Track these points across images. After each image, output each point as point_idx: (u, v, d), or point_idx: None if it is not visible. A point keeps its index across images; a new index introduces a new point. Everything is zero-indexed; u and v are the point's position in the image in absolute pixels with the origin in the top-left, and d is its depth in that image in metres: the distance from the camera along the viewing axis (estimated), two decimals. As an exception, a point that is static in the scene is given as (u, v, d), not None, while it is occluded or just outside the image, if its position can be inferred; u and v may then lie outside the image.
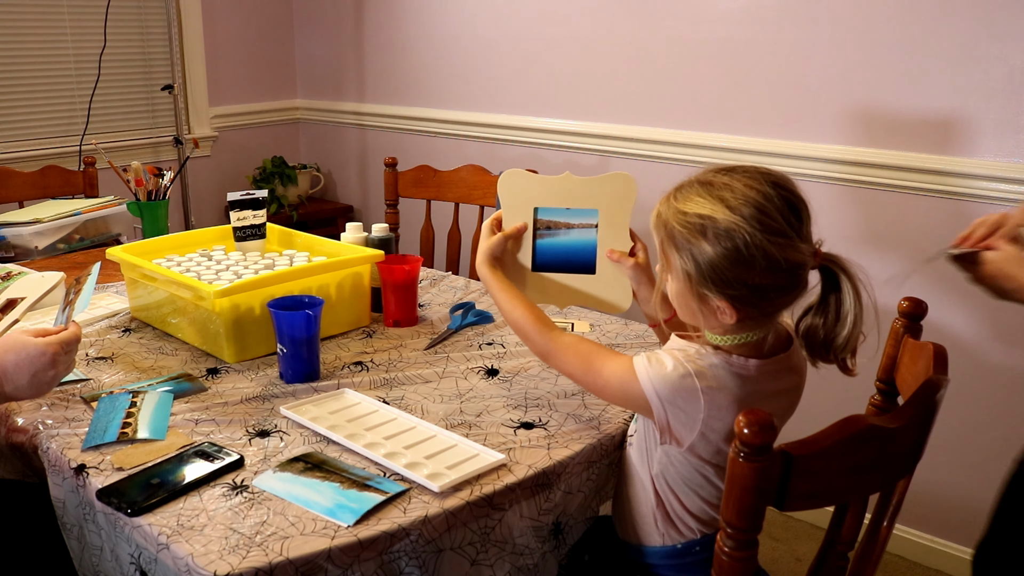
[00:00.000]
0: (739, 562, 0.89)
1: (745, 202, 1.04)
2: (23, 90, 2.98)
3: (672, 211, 1.09)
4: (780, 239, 1.04)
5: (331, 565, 0.97)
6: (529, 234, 1.36)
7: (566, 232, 1.36)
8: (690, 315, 1.13)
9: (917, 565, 2.21)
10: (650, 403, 1.10)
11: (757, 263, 1.03)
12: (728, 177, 1.08)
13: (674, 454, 1.14)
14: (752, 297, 1.06)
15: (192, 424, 1.27)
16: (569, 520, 1.22)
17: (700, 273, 1.06)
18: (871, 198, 2.14)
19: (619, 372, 1.14)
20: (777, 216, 1.04)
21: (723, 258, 1.04)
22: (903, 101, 2.07)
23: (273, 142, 3.67)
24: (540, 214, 1.36)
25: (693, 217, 1.07)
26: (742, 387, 1.09)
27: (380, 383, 1.42)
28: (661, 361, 1.11)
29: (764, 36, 2.27)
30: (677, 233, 1.08)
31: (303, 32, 3.65)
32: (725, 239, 1.04)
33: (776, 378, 1.13)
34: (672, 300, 1.15)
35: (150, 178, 2.18)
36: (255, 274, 1.61)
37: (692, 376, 1.08)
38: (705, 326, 1.12)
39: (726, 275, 1.05)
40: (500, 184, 1.36)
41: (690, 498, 1.16)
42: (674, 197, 1.11)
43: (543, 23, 2.77)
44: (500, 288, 1.31)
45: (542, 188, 1.35)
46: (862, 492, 1.04)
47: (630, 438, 1.25)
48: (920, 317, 1.23)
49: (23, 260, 2.12)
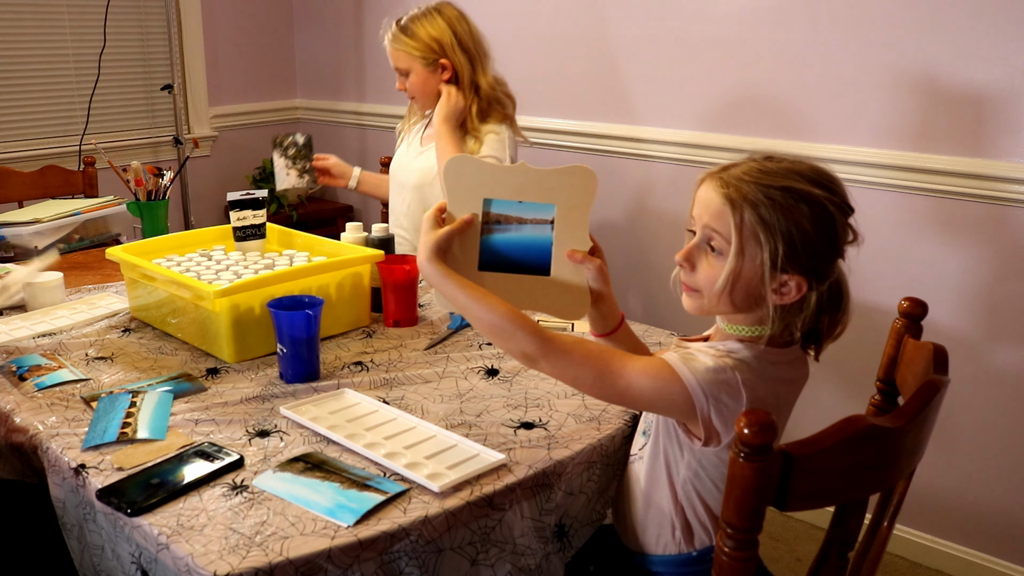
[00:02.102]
0: (739, 562, 0.89)
1: (817, 174, 1.08)
2: (23, 90, 2.98)
3: (750, 185, 1.05)
4: (851, 211, 1.08)
5: (331, 565, 0.97)
6: (476, 228, 1.21)
7: (518, 228, 1.21)
8: (733, 295, 1.08)
9: (917, 565, 2.21)
10: (693, 399, 1.06)
11: (840, 236, 1.07)
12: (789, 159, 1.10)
13: (708, 456, 1.11)
14: (827, 270, 1.07)
15: (192, 424, 1.27)
16: (574, 523, 1.21)
17: (791, 248, 1.04)
18: (871, 198, 2.14)
19: (651, 371, 1.08)
20: (844, 190, 1.09)
21: (817, 229, 1.05)
22: (903, 101, 2.07)
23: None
24: (490, 207, 1.21)
25: (780, 189, 1.05)
26: (775, 378, 1.10)
27: (380, 383, 1.42)
28: (696, 358, 1.09)
29: (764, 36, 2.27)
30: (764, 205, 1.04)
31: (303, 32, 3.65)
32: (818, 210, 1.05)
33: (794, 367, 1.14)
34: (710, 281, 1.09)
35: (150, 178, 2.18)
36: (255, 274, 1.61)
37: (733, 370, 1.07)
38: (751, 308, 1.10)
39: (816, 248, 1.05)
40: (446, 170, 1.20)
41: (718, 501, 1.12)
42: (743, 173, 1.07)
43: (543, 23, 2.76)
44: (458, 285, 1.14)
45: (494, 177, 1.20)
46: (862, 492, 1.04)
47: (636, 453, 1.23)
48: (920, 317, 1.23)
49: (23, 260, 2.11)
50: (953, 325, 2.07)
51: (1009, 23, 1.89)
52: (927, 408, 1.00)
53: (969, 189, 2.00)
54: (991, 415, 2.06)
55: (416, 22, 2.08)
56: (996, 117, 1.94)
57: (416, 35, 2.07)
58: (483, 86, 2.10)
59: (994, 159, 1.96)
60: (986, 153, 1.97)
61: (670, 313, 2.54)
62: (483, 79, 2.11)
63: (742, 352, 1.10)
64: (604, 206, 2.72)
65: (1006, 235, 1.97)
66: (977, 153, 1.98)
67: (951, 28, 1.97)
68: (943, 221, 2.06)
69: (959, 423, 2.08)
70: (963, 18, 1.95)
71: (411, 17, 2.10)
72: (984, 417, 2.07)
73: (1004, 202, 1.96)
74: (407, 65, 2.10)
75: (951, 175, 2.02)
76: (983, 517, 2.12)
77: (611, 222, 2.71)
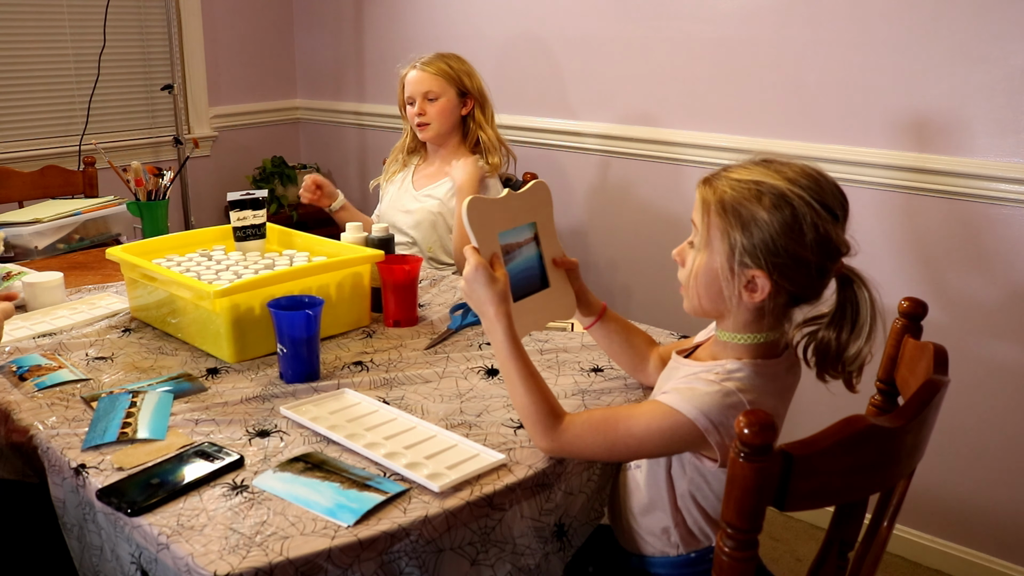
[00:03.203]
0: (739, 562, 0.89)
1: (802, 175, 1.07)
2: (23, 90, 2.98)
3: (725, 181, 1.08)
4: (829, 216, 1.05)
5: (331, 565, 0.97)
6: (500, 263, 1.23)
7: (517, 253, 1.27)
8: (713, 294, 1.10)
9: (917, 565, 2.21)
10: (702, 431, 1.06)
11: (807, 233, 1.04)
12: (777, 160, 1.10)
13: (715, 472, 1.12)
14: (792, 270, 1.05)
15: (192, 424, 1.27)
16: (573, 522, 1.21)
17: (747, 238, 1.05)
18: (872, 198, 2.14)
19: (654, 418, 1.09)
20: (830, 194, 1.07)
21: (775, 222, 1.04)
22: (903, 101, 2.07)
23: (273, 142, 3.67)
24: (500, 239, 1.24)
25: (749, 183, 1.06)
26: (774, 387, 1.11)
27: (380, 383, 1.42)
28: (695, 388, 1.09)
29: (764, 36, 2.27)
30: (729, 199, 1.06)
31: (303, 32, 3.65)
32: (780, 204, 1.04)
33: (791, 372, 1.15)
34: (695, 280, 1.12)
35: (150, 178, 2.19)
36: (255, 274, 1.61)
37: (735, 392, 1.07)
38: (727, 310, 1.11)
39: (774, 241, 1.04)
40: (469, 214, 1.19)
41: (717, 509, 1.15)
42: (725, 171, 1.10)
43: (543, 23, 2.77)
44: (522, 362, 1.16)
45: (501, 211, 1.25)
46: (862, 492, 1.04)
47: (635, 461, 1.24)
48: (920, 317, 1.23)
49: (23, 260, 2.12)
50: (953, 325, 2.07)
51: (1009, 23, 1.89)
52: (927, 408, 1.00)
53: (969, 189, 2.00)
54: (991, 415, 2.06)
55: (453, 58, 2.24)
56: (996, 117, 1.94)
57: (453, 67, 2.22)
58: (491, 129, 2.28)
59: (994, 159, 1.96)
60: (986, 153, 1.97)
61: (670, 313, 2.54)
62: (494, 125, 2.29)
63: (741, 371, 1.10)
64: (608, 207, 2.72)
65: (1006, 235, 1.97)
66: (977, 153, 1.98)
67: (951, 28, 1.97)
68: (943, 221, 2.06)
69: (959, 423, 2.08)
70: (963, 18, 1.95)
71: (442, 55, 2.24)
72: (984, 417, 2.07)
73: (1004, 202, 1.96)
74: (441, 89, 2.20)
75: (951, 175, 2.02)
76: (983, 517, 2.12)
77: (612, 222, 2.71)
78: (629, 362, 1.38)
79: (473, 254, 1.19)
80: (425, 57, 2.25)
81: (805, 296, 1.10)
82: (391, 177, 2.40)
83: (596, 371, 1.47)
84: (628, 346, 1.37)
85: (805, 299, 1.10)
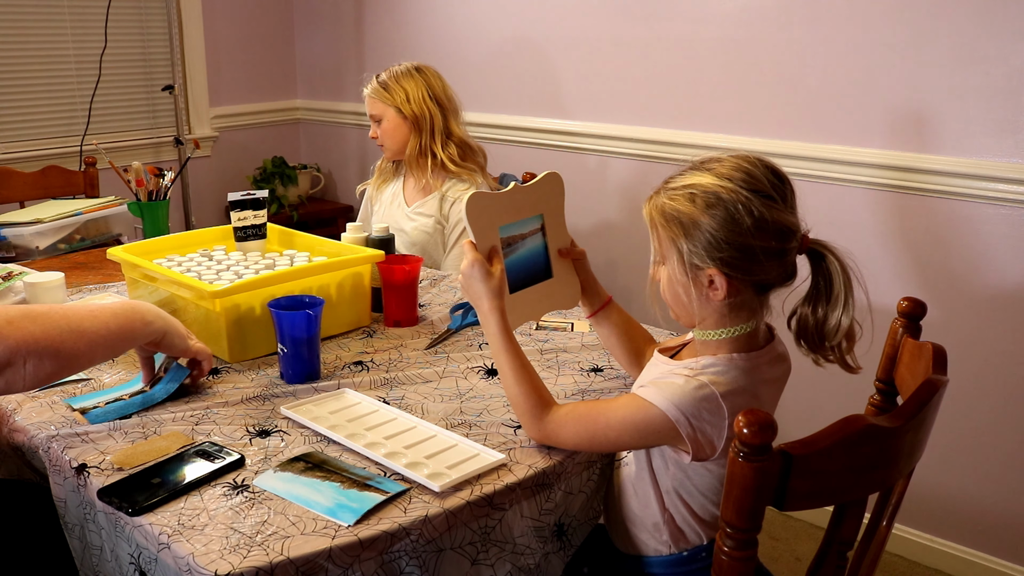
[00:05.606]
0: (739, 562, 0.90)
1: (733, 169, 1.08)
2: (24, 90, 2.98)
3: (663, 193, 1.12)
4: (767, 200, 1.07)
5: (331, 565, 0.97)
6: (500, 256, 1.27)
7: (521, 244, 1.30)
8: (682, 302, 1.14)
9: (917, 565, 2.21)
10: (676, 424, 1.07)
11: (744, 221, 1.05)
12: (715, 160, 1.12)
13: (695, 467, 1.13)
14: (742, 260, 1.07)
15: (193, 424, 1.27)
16: (572, 521, 1.22)
17: (691, 242, 1.08)
18: (872, 198, 2.14)
19: (629, 410, 1.11)
20: (763, 180, 1.08)
21: (712, 219, 1.06)
22: (902, 101, 2.07)
23: (273, 142, 3.68)
24: (501, 232, 1.27)
25: (680, 189, 1.09)
26: (752, 381, 1.11)
27: (380, 383, 1.42)
28: (671, 383, 1.10)
29: (764, 36, 2.27)
30: (667, 208, 1.10)
31: (303, 32, 3.65)
32: (714, 201, 1.06)
33: (772, 366, 1.16)
34: (665, 293, 1.16)
35: (151, 178, 2.19)
36: (255, 274, 1.61)
37: (708, 386, 1.08)
38: (697, 313, 1.13)
39: (716, 237, 1.06)
40: (469, 210, 1.23)
41: (704, 506, 1.16)
42: (664, 184, 1.14)
43: (544, 23, 2.77)
44: (513, 354, 1.19)
45: (504, 205, 1.27)
46: (862, 492, 1.04)
47: (623, 458, 1.25)
48: (920, 317, 1.23)
49: (24, 260, 2.12)
50: (952, 325, 2.07)
51: (1008, 23, 1.89)
52: (926, 408, 1.00)
53: (969, 189, 2.00)
54: (990, 415, 2.06)
55: (394, 76, 2.29)
56: (996, 117, 1.94)
57: (390, 88, 2.27)
58: (456, 132, 2.28)
59: (993, 159, 1.96)
60: (985, 153, 1.97)
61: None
62: (456, 127, 2.29)
63: (716, 366, 1.11)
64: (606, 207, 2.72)
65: (1005, 235, 1.97)
66: (976, 153, 1.98)
67: (951, 28, 1.97)
68: (943, 221, 2.06)
69: (958, 423, 2.08)
70: (962, 18, 1.95)
71: (390, 72, 2.29)
72: (983, 417, 2.07)
73: (1003, 202, 1.96)
74: (380, 112, 2.28)
75: (951, 175, 2.02)
76: (982, 517, 2.12)
77: (611, 223, 2.71)
78: (626, 357, 1.39)
79: (470, 249, 1.22)
80: (373, 80, 2.30)
81: (771, 281, 1.11)
82: (380, 187, 2.42)
83: (596, 371, 1.47)
84: (627, 340, 1.38)
85: (772, 284, 1.11)
